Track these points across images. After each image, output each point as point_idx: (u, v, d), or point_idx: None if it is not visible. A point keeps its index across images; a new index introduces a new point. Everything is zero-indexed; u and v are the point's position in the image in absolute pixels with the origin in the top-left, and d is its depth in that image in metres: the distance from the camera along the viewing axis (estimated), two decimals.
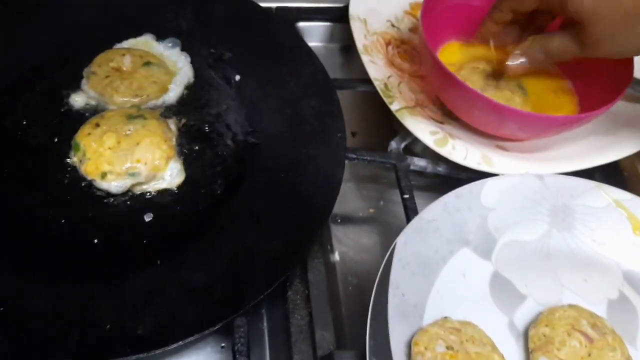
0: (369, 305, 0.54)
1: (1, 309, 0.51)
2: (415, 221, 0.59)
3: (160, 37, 0.72)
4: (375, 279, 0.54)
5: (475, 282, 0.58)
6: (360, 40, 0.73)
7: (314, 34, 0.89)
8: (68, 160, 0.61)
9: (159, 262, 0.56)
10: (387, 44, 0.76)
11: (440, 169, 0.69)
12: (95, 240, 0.57)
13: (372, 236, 0.71)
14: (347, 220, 0.72)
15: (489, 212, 0.61)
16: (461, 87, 0.61)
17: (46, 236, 0.57)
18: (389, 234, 0.71)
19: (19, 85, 0.67)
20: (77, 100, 0.66)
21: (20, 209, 0.59)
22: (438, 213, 0.59)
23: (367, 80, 0.72)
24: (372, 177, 0.76)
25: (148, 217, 0.59)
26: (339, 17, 0.86)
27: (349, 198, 0.74)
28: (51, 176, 0.61)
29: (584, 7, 0.55)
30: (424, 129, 0.66)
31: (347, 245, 0.70)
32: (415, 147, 0.74)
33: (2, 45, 0.68)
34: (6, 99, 0.66)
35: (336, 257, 0.68)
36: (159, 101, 0.67)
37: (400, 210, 0.71)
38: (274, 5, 0.86)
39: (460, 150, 0.65)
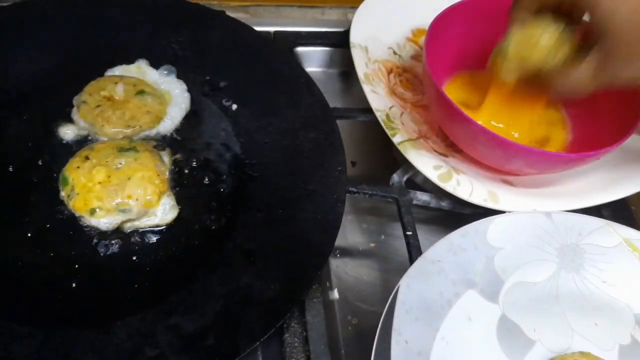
0: (370, 350, 0.52)
1: None
2: (419, 262, 0.56)
3: (154, 65, 0.69)
4: (377, 322, 0.52)
5: (482, 327, 0.55)
6: (361, 68, 0.71)
7: (313, 59, 0.87)
8: (56, 194, 0.58)
9: (148, 305, 0.53)
10: (389, 72, 0.74)
11: (444, 204, 0.66)
12: (81, 282, 0.54)
13: (373, 272, 0.69)
14: (346, 254, 0.69)
15: (496, 251, 0.58)
16: (465, 120, 0.59)
17: (29, 277, 0.54)
18: (390, 270, 0.69)
19: (6, 113, 0.64)
20: (67, 130, 0.63)
21: (2, 248, 0.56)
22: (443, 253, 0.57)
23: (368, 110, 0.70)
24: (372, 209, 0.73)
25: (138, 256, 0.56)
26: (339, 42, 0.84)
27: (349, 231, 0.71)
28: (37, 212, 0.58)
29: (615, 17, 0.49)
30: (427, 163, 0.64)
31: (346, 281, 0.67)
32: (416, 177, 0.71)
33: None
34: None
35: (335, 294, 0.65)
36: (153, 132, 0.64)
37: (401, 244, 0.69)
38: (271, 29, 0.84)
39: (465, 185, 0.63)
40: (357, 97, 0.85)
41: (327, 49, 0.87)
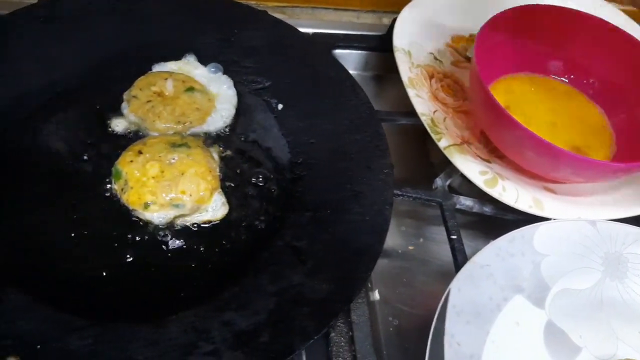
0: (411, 351, 0.52)
1: (38, 346, 0.48)
2: (468, 266, 0.57)
3: (201, 62, 0.70)
4: (417, 324, 0.53)
5: (529, 332, 0.56)
6: (405, 72, 0.71)
7: (348, 61, 0.87)
8: (108, 187, 0.59)
9: (200, 301, 0.53)
10: (430, 77, 0.74)
11: (487, 209, 0.67)
12: (134, 277, 0.55)
13: (412, 275, 0.69)
14: (386, 256, 0.70)
15: (542, 258, 0.59)
16: (514, 125, 0.59)
17: (82, 272, 0.54)
18: (429, 273, 0.69)
19: (59, 107, 0.64)
20: (118, 124, 0.63)
21: (56, 242, 0.56)
22: (491, 258, 0.57)
23: (410, 113, 0.70)
24: (411, 212, 0.74)
25: (189, 252, 0.57)
26: (375, 45, 0.85)
27: (388, 233, 0.71)
28: (89, 205, 0.58)
29: None
30: (473, 169, 0.64)
31: (386, 283, 0.67)
32: (454, 182, 0.72)
33: (43, 66, 0.66)
34: (45, 120, 0.63)
35: (376, 295, 0.66)
36: (202, 128, 0.64)
37: (440, 248, 0.70)
38: (309, 31, 0.84)
39: (511, 192, 0.63)
40: (391, 101, 0.86)
41: (362, 52, 0.87)
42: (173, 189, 0.56)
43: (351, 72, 0.87)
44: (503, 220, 0.68)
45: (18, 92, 0.64)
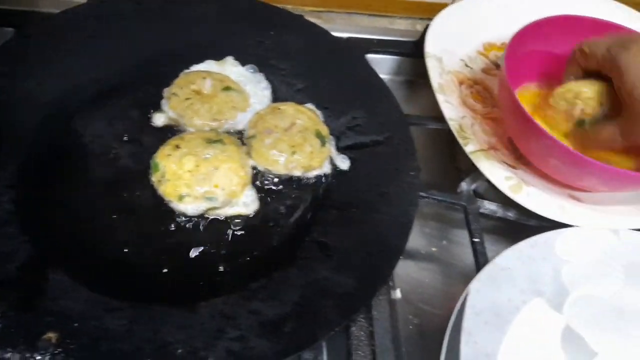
0: (431, 350, 0.54)
1: (76, 324, 0.51)
2: (488, 268, 0.58)
3: (239, 62, 0.73)
4: (438, 324, 0.54)
5: (547, 335, 0.57)
6: (435, 78, 0.73)
7: (381, 66, 0.89)
8: (147, 177, 0.62)
9: (230, 289, 0.56)
10: (461, 83, 0.76)
11: (511, 214, 0.68)
12: (167, 264, 0.57)
13: (434, 275, 0.71)
14: (409, 256, 0.72)
15: (563, 264, 0.60)
16: (540, 133, 0.61)
17: (120, 255, 0.57)
18: (451, 275, 0.71)
19: (106, 100, 0.68)
20: (158, 119, 0.66)
21: (97, 226, 0.59)
22: (512, 261, 0.59)
23: (439, 118, 0.72)
24: (435, 215, 0.75)
25: (221, 243, 0.59)
26: (408, 51, 0.87)
27: (412, 235, 0.72)
28: (128, 194, 0.61)
29: (634, 92, 0.58)
30: (499, 174, 0.66)
31: (408, 283, 0.69)
32: (479, 187, 0.73)
33: (93, 62, 0.69)
34: (93, 112, 0.67)
35: (398, 294, 0.67)
36: (238, 125, 0.67)
37: (462, 251, 0.71)
38: (344, 35, 0.86)
39: (536, 198, 0.64)
40: (421, 106, 0.88)
41: (395, 57, 0.89)
42: (207, 182, 0.59)
43: (384, 76, 0.89)
44: (526, 225, 0.69)
45: (70, 85, 0.67)
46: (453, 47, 0.79)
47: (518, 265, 0.59)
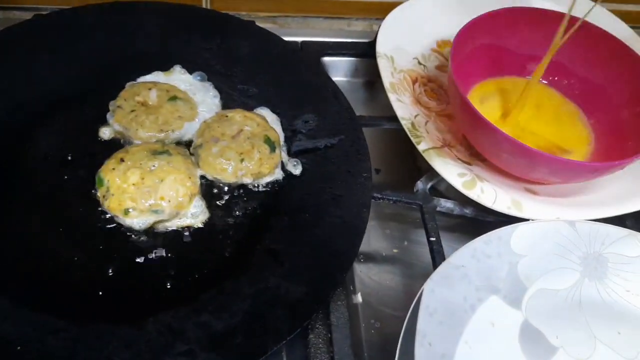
0: (393, 354, 0.53)
1: (18, 347, 0.50)
2: (443, 267, 0.57)
3: (187, 71, 0.72)
4: (400, 326, 0.53)
5: (504, 332, 0.56)
6: (387, 78, 0.72)
7: (339, 69, 0.89)
8: (92, 193, 0.60)
9: (179, 303, 0.54)
10: (414, 81, 0.75)
11: (468, 211, 0.67)
12: (114, 279, 0.56)
13: (396, 277, 0.70)
14: (370, 259, 0.71)
15: (519, 259, 0.59)
16: (489, 128, 0.60)
17: (63, 273, 0.56)
18: (413, 276, 0.70)
19: (50, 117, 0.67)
20: (105, 133, 0.65)
21: (38, 244, 0.58)
22: (467, 259, 0.58)
23: (393, 118, 0.71)
24: (395, 215, 0.75)
25: (170, 256, 0.58)
26: (364, 52, 0.86)
27: (373, 237, 0.72)
28: (73, 209, 0.60)
29: None
30: (451, 171, 0.65)
31: (369, 286, 0.68)
32: (440, 185, 0.72)
33: (30, 78, 0.68)
34: (36, 129, 0.65)
35: (359, 298, 0.66)
36: (185, 136, 0.66)
37: (424, 251, 0.70)
38: (299, 39, 0.86)
39: (489, 193, 0.64)
40: (381, 106, 0.87)
41: (352, 59, 0.88)
42: (152, 195, 0.58)
43: (341, 78, 0.89)
44: (486, 223, 0.68)
45: (11, 103, 0.66)
46: (405, 45, 0.78)
47: (473, 263, 0.58)
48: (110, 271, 0.57)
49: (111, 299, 0.55)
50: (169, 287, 0.56)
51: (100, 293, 0.55)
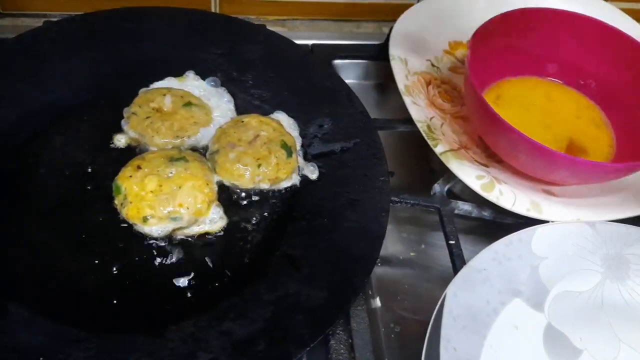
0: (413, 358, 0.52)
1: (41, 359, 0.50)
2: (464, 270, 0.57)
3: (200, 77, 0.71)
4: (419, 330, 0.53)
5: (528, 335, 0.56)
6: (401, 81, 0.72)
7: (349, 71, 0.88)
8: (109, 202, 0.60)
9: (200, 311, 0.54)
10: (428, 84, 0.75)
11: (486, 213, 0.67)
12: (134, 288, 0.56)
13: (414, 281, 0.69)
14: (387, 263, 0.70)
15: (540, 261, 0.59)
16: (507, 129, 0.60)
17: (85, 282, 0.56)
18: (431, 279, 0.69)
19: (63, 125, 0.66)
20: (120, 140, 0.65)
21: (56, 254, 0.57)
22: (488, 262, 0.57)
23: (407, 120, 0.71)
24: (412, 219, 0.74)
25: (189, 264, 0.58)
26: (375, 54, 0.86)
27: (389, 240, 0.72)
28: (89, 219, 0.60)
29: None
30: (469, 173, 0.64)
31: (388, 290, 0.68)
32: (455, 187, 0.72)
33: (42, 85, 0.68)
34: (49, 138, 0.65)
35: (377, 302, 0.66)
36: (200, 142, 0.65)
37: (441, 254, 0.69)
38: (309, 42, 0.85)
39: (508, 195, 0.63)
40: (392, 108, 0.87)
41: (363, 61, 0.88)
42: (171, 202, 0.57)
43: (352, 81, 0.89)
44: (503, 224, 0.68)
45: (23, 112, 0.66)
46: (418, 47, 0.77)
47: (494, 266, 0.57)
48: (129, 280, 0.56)
49: (132, 308, 0.55)
50: (189, 295, 0.56)
51: (121, 302, 0.55)
